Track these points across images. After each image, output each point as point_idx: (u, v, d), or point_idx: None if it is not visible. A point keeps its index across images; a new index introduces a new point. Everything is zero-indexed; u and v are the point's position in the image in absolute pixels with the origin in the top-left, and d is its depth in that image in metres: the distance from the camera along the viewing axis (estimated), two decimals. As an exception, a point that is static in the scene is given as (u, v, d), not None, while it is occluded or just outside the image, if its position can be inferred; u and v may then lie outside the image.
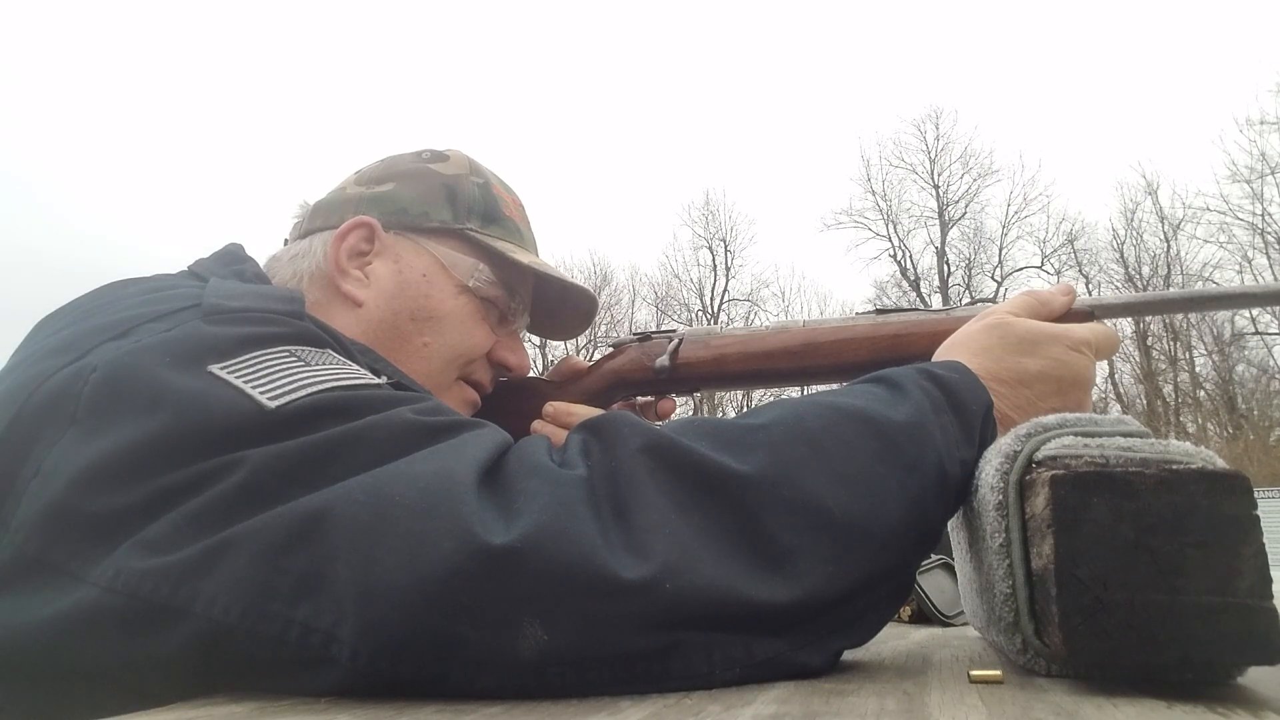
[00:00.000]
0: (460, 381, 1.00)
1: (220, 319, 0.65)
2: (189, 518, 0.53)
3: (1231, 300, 1.01)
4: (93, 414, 0.58)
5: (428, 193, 0.98)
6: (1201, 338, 23.50)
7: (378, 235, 0.95)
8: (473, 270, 0.97)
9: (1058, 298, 0.88)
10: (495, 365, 1.03)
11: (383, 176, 0.99)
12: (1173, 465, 0.50)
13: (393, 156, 1.03)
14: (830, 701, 0.47)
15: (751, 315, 26.32)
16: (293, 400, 0.58)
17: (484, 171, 1.03)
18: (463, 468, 0.54)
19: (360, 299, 0.93)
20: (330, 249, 0.93)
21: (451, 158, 1.02)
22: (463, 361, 0.98)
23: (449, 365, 0.97)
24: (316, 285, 0.94)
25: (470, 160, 1.03)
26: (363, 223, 0.94)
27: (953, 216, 26.77)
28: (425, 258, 0.96)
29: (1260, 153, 21.74)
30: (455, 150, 1.04)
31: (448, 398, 0.97)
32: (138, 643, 0.52)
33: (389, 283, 0.94)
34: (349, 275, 0.93)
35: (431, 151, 1.02)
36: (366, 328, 0.92)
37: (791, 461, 0.57)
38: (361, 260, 0.94)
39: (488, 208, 1.00)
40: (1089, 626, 0.47)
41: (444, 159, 1.01)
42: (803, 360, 1.04)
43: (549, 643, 0.49)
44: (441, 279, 0.96)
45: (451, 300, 0.96)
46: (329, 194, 1.01)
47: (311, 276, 0.94)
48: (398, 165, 1.01)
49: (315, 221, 0.98)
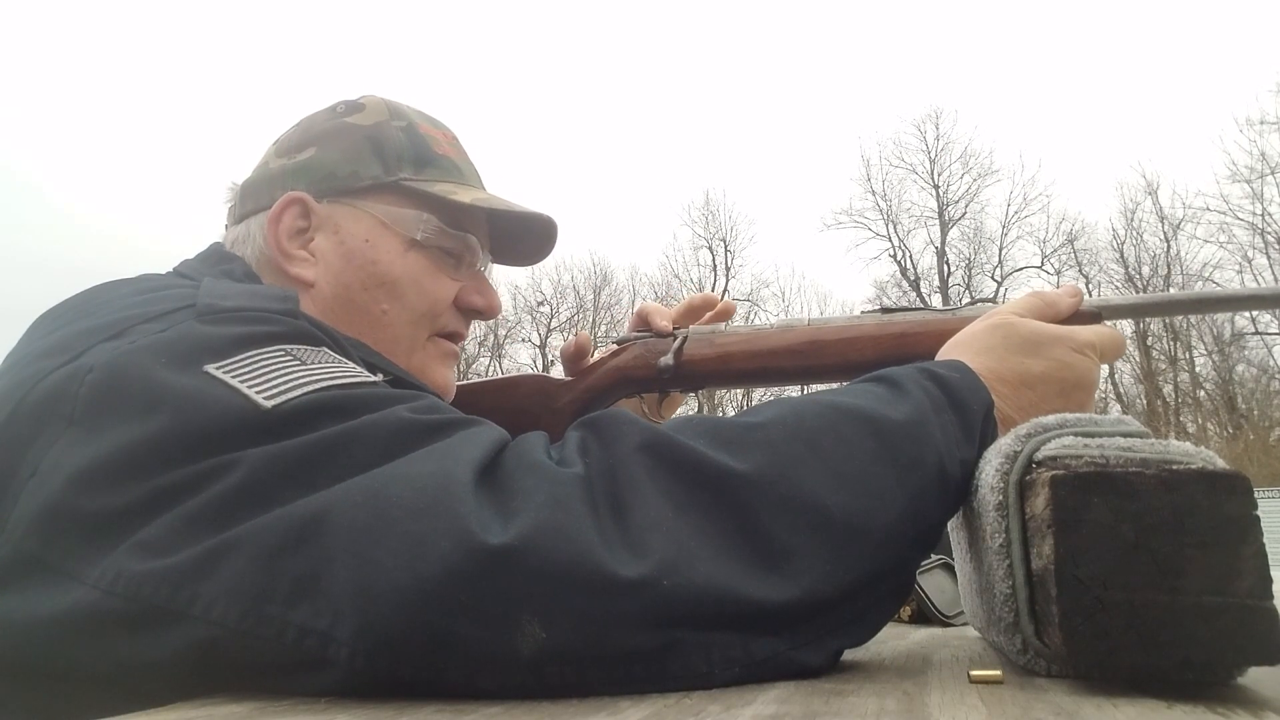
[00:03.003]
0: (434, 338, 0.95)
1: (215, 319, 0.65)
2: (187, 519, 0.53)
3: (1238, 302, 1.01)
4: (90, 415, 0.58)
5: (351, 150, 0.92)
6: (1201, 338, 23.52)
7: (312, 209, 0.90)
8: (418, 222, 0.92)
9: (1064, 299, 0.88)
10: (465, 310, 0.98)
11: (302, 142, 0.94)
12: (1173, 465, 0.50)
13: (308, 118, 0.97)
14: (830, 701, 0.47)
15: (752, 315, 26.31)
16: (289, 400, 0.58)
17: (405, 112, 0.96)
18: (460, 467, 0.53)
19: (309, 279, 0.89)
20: (268, 233, 0.89)
21: (368, 105, 0.95)
22: (430, 319, 0.94)
23: (416, 326, 0.93)
24: (264, 271, 0.90)
25: (388, 103, 0.96)
26: (294, 199, 0.89)
27: (953, 216, 26.80)
28: (365, 221, 0.91)
29: (1260, 153, 21.77)
30: (370, 96, 0.97)
31: (424, 357, 0.94)
32: (136, 644, 0.52)
33: (334, 256, 0.89)
34: (293, 257, 0.89)
35: (345, 103, 0.96)
36: (324, 307, 0.88)
37: (790, 460, 0.57)
38: (302, 238, 0.90)
39: (418, 151, 0.93)
40: (1089, 626, 0.47)
41: (360, 109, 0.95)
42: (808, 359, 1.04)
43: (547, 641, 0.49)
44: (386, 240, 0.91)
45: (400, 260, 0.91)
46: (254, 171, 0.96)
47: (257, 263, 0.90)
48: (314, 127, 0.95)
49: (247, 205, 0.93)
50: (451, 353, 0.98)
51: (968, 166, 27.10)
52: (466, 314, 0.98)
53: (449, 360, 0.97)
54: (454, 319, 0.97)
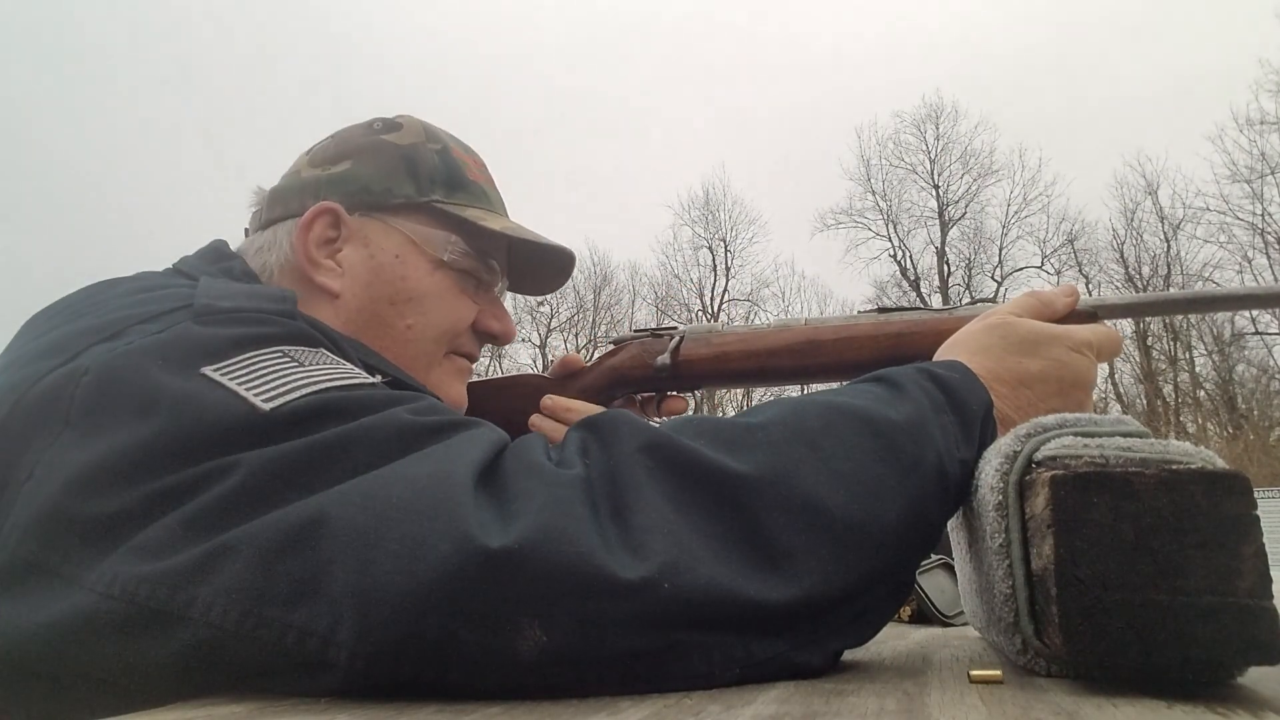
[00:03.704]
0: (450, 355, 0.97)
1: (212, 320, 0.65)
2: (185, 521, 0.53)
3: (1235, 301, 1.00)
4: (86, 417, 0.58)
5: (387, 167, 0.94)
6: (1201, 338, 23.53)
7: (343, 220, 0.91)
8: (445, 244, 0.94)
9: (1060, 298, 0.88)
10: (481, 334, 1.00)
11: (337, 155, 0.95)
12: (1173, 465, 0.50)
13: (343, 131, 0.99)
14: (830, 701, 0.47)
15: (751, 315, 26.31)
16: (287, 402, 0.58)
17: (440, 135, 0.99)
18: (459, 469, 0.53)
19: (336, 290, 0.90)
20: (296, 240, 0.90)
21: (405, 125, 0.97)
22: (449, 337, 0.96)
23: (436, 344, 0.95)
24: (288, 278, 0.91)
25: (424, 125, 0.99)
26: (326, 209, 0.91)
27: (953, 216, 26.81)
28: (395, 237, 0.93)
29: (1260, 153, 21.79)
30: (407, 116, 1.00)
31: (440, 374, 0.96)
32: (135, 647, 0.52)
33: (362, 269, 0.91)
34: (320, 266, 0.90)
35: (383, 121, 0.98)
36: (347, 318, 0.89)
37: (790, 461, 0.57)
38: (330, 248, 0.91)
39: (450, 175, 0.96)
40: (1089, 627, 0.46)
41: (397, 128, 0.97)
42: (805, 359, 1.04)
43: (548, 643, 0.49)
44: (415, 257, 0.93)
45: (428, 278, 0.93)
46: (284, 179, 0.97)
47: (281, 269, 0.91)
48: (351, 141, 0.97)
49: (275, 210, 0.94)
50: (466, 369, 1.01)
51: (968, 166, 27.17)
52: (481, 337, 1.01)
53: (463, 376, 1.00)
54: (470, 341, 0.99)
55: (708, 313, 26.97)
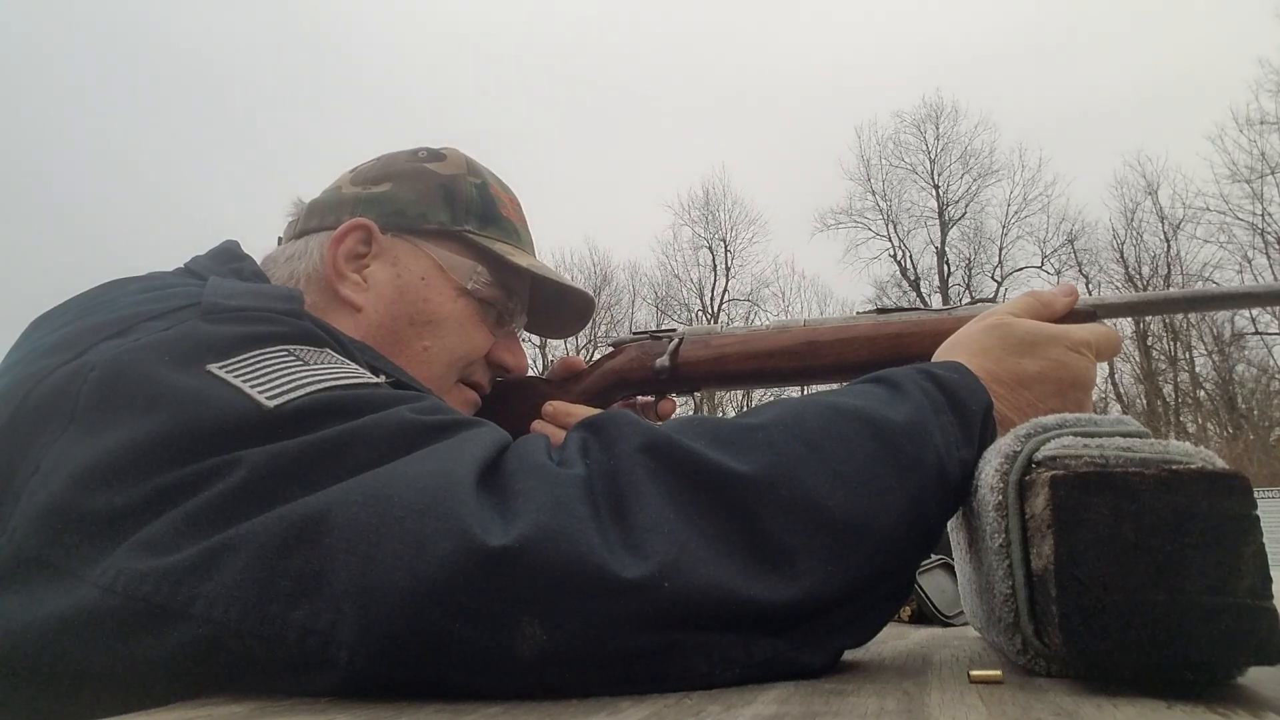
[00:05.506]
0: (460, 384, 1.00)
1: (218, 318, 0.65)
2: (188, 518, 0.53)
3: (1234, 300, 1.00)
4: (91, 413, 0.58)
5: (425, 193, 0.97)
6: (1201, 338, 23.52)
7: (375, 238, 0.94)
8: (471, 273, 0.97)
9: (1059, 299, 0.88)
10: (494, 366, 1.03)
11: (379, 176, 0.99)
12: (1173, 465, 0.50)
13: (389, 155, 1.02)
14: (830, 701, 0.47)
15: (752, 315, 26.33)
16: (291, 400, 0.58)
17: (481, 171, 1.03)
18: (461, 468, 0.53)
19: (359, 303, 0.92)
20: (327, 252, 0.93)
21: (449, 157, 1.01)
22: (463, 364, 0.99)
23: (449, 369, 0.97)
24: (313, 288, 0.93)
25: (467, 159, 1.03)
26: (360, 225, 0.94)
27: (953, 216, 26.79)
28: (424, 260, 0.96)
29: (1260, 153, 21.78)
30: (452, 149, 1.03)
31: (448, 400, 0.96)
32: (137, 643, 0.52)
33: (388, 287, 0.94)
34: (346, 279, 0.93)
35: (428, 150, 1.02)
36: (366, 332, 0.91)
37: (791, 461, 0.57)
38: (359, 263, 0.94)
39: (485, 208, 1.00)
40: (1089, 627, 0.47)
41: (441, 158, 1.01)
42: (804, 360, 1.04)
43: (548, 643, 0.49)
44: (440, 282, 0.96)
45: (451, 304, 0.96)
46: (324, 193, 1.00)
47: (308, 278, 0.93)
48: (394, 164, 1.00)
49: (311, 222, 0.97)
50: (473, 401, 1.03)
51: (968, 166, 27.14)
52: (494, 369, 1.03)
53: (468, 409, 1.01)
54: (482, 371, 1.02)
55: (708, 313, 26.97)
